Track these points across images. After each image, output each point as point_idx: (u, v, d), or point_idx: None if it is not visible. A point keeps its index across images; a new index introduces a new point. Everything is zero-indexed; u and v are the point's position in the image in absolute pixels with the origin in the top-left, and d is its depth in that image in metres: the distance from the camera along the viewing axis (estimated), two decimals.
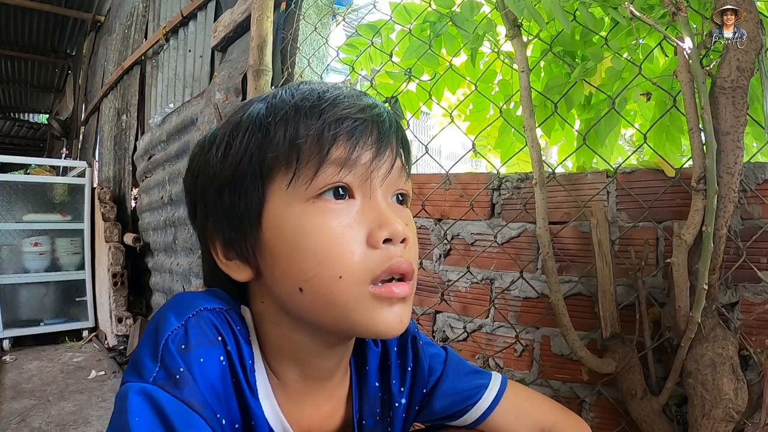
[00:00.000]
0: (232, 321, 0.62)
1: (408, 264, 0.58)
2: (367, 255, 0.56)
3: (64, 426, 2.17)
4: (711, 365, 0.89)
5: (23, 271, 3.59)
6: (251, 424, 0.62)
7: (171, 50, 3.26)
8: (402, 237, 0.57)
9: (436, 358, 0.81)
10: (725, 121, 0.89)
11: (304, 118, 0.57)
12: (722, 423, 0.87)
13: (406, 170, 0.64)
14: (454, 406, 0.79)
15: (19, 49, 6.62)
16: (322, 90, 0.61)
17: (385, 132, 0.60)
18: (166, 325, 0.56)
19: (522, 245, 1.27)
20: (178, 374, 0.53)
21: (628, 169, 1.14)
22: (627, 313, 1.06)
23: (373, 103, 0.61)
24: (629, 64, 1.20)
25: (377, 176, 0.59)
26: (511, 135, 1.47)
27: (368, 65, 1.68)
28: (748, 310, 0.98)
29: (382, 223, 0.57)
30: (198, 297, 0.62)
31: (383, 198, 0.60)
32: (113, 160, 4.26)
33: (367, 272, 0.56)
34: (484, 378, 0.81)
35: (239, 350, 0.61)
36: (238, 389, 0.60)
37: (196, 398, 0.53)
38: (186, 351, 0.54)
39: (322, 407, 0.70)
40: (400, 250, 0.58)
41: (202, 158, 0.64)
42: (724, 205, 0.89)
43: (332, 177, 0.56)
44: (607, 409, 1.12)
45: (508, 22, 1.15)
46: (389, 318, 0.58)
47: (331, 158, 0.56)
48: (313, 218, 0.56)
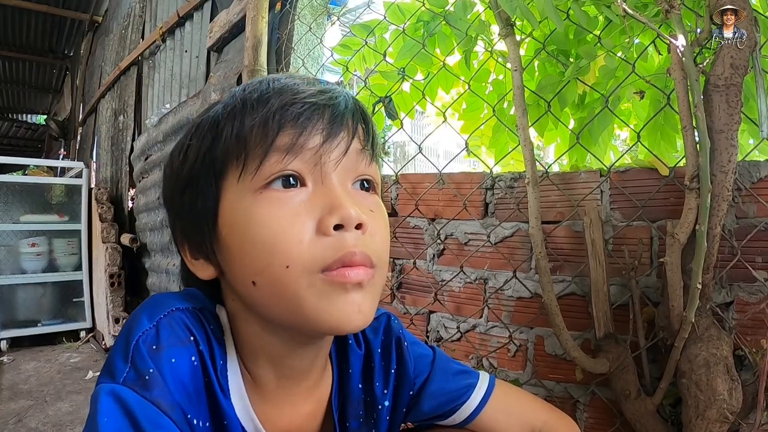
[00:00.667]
0: (206, 321, 0.62)
1: (363, 254, 0.54)
2: (316, 243, 0.53)
3: (60, 426, 2.17)
4: (705, 365, 0.88)
5: (20, 271, 3.59)
6: (223, 424, 0.61)
7: (167, 50, 3.26)
8: (356, 222, 0.54)
9: (423, 359, 0.80)
10: (719, 119, 0.88)
11: (250, 110, 0.57)
12: (716, 423, 0.87)
13: (369, 154, 0.60)
14: (442, 407, 0.79)
15: (16, 49, 6.61)
16: (272, 80, 0.60)
17: (339, 115, 0.57)
18: (137, 326, 0.56)
19: (515, 245, 1.27)
20: (147, 375, 0.53)
21: (621, 168, 1.14)
22: (621, 312, 1.06)
23: (326, 88, 0.59)
24: (623, 63, 1.19)
25: (329, 161, 0.56)
26: (505, 134, 1.46)
27: (362, 65, 1.68)
28: (742, 309, 0.97)
29: (333, 209, 0.54)
30: (171, 297, 0.62)
31: (340, 183, 0.57)
32: (110, 161, 4.26)
33: (316, 261, 0.53)
34: (472, 378, 0.81)
35: (211, 350, 0.60)
36: (209, 389, 0.60)
37: (165, 399, 0.53)
38: (157, 351, 0.54)
39: (301, 408, 0.69)
40: (353, 238, 0.54)
41: (169, 162, 0.65)
42: (718, 203, 0.88)
43: (277, 165, 0.55)
44: (601, 409, 1.11)
45: (501, 21, 1.15)
46: (344, 308, 0.54)
47: (277, 146, 0.55)
48: (261, 209, 0.55)
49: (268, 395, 0.66)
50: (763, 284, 0.94)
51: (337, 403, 0.73)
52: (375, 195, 0.62)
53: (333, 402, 0.73)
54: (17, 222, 3.60)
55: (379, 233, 0.59)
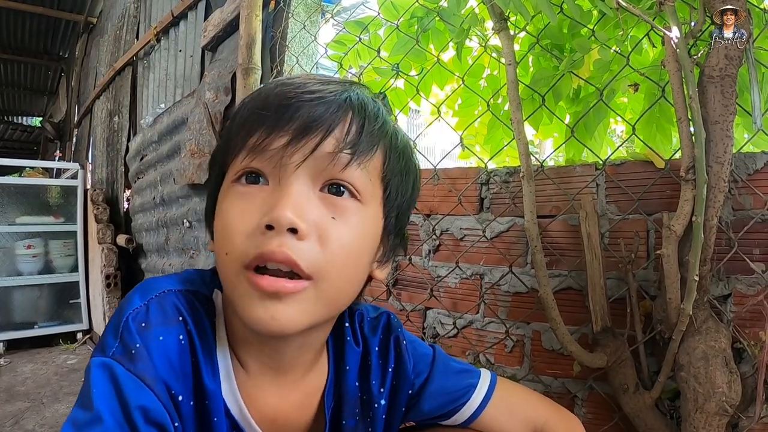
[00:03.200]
0: (198, 303, 0.65)
1: (284, 255, 0.54)
2: (250, 238, 0.56)
3: (57, 428, 2.16)
4: (704, 358, 0.88)
5: (17, 273, 3.58)
6: (205, 403, 0.63)
7: (162, 50, 3.25)
8: (286, 226, 0.54)
9: (423, 359, 0.79)
10: (714, 111, 0.88)
11: (242, 110, 0.63)
12: (716, 417, 0.86)
13: (353, 157, 0.58)
14: (443, 407, 0.78)
15: (11, 51, 6.61)
16: (281, 79, 0.64)
17: (317, 116, 0.57)
18: (129, 305, 0.60)
19: (511, 240, 1.26)
20: (133, 350, 0.56)
21: (617, 161, 1.13)
22: (618, 306, 1.05)
23: (324, 88, 0.60)
24: (617, 56, 1.19)
25: (289, 162, 0.57)
26: (500, 131, 1.46)
27: (356, 62, 1.67)
28: (740, 302, 0.96)
29: (271, 209, 0.55)
30: (164, 280, 0.65)
31: (301, 186, 0.57)
32: (106, 162, 4.24)
33: (242, 254, 0.56)
34: (473, 377, 0.80)
35: (201, 331, 0.63)
36: (195, 368, 0.62)
37: (149, 373, 0.56)
38: (145, 329, 0.58)
39: (288, 397, 0.70)
40: (279, 241, 0.54)
41: None
42: (714, 195, 0.88)
43: (242, 162, 0.59)
44: (600, 404, 1.11)
45: (495, 16, 1.14)
46: (258, 312, 0.55)
47: (247, 145, 0.59)
48: (226, 199, 0.61)
49: (254, 380, 0.67)
50: (760, 276, 0.94)
51: (332, 399, 0.73)
52: (350, 201, 0.60)
53: (326, 397, 0.72)
54: (13, 224, 3.60)
55: (334, 242, 0.57)
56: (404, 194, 0.68)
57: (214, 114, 2.18)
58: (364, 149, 0.60)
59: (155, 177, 3.02)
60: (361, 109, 0.61)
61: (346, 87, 0.63)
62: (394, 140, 0.65)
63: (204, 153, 2.23)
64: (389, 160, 0.64)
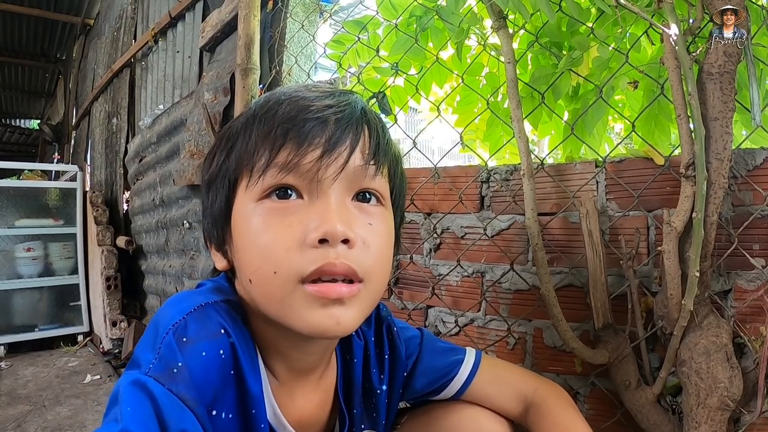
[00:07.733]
0: (235, 312, 0.65)
1: (345, 266, 0.57)
2: (301, 254, 0.57)
3: (59, 431, 2.16)
4: (705, 353, 0.88)
5: (16, 276, 3.57)
6: (252, 413, 0.64)
7: (160, 52, 3.24)
8: (340, 238, 0.57)
9: (413, 341, 0.85)
10: (713, 107, 0.88)
11: (258, 124, 0.61)
12: (718, 411, 0.86)
13: (377, 167, 0.63)
14: (433, 384, 0.84)
15: (8, 54, 6.59)
16: (285, 92, 0.64)
17: (341, 130, 0.60)
18: (166, 320, 0.59)
19: (512, 237, 1.26)
20: (175, 368, 0.54)
21: (617, 158, 1.13)
22: (619, 303, 1.05)
23: (336, 101, 0.62)
24: (616, 54, 1.19)
25: (325, 176, 0.59)
26: (500, 128, 1.46)
27: (356, 61, 1.67)
28: (741, 297, 0.97)
29: (319, 224, 0.57)
30: (198, 294, 0.65)
31: (337, 197, 0.60)
32: (104, 164, 4.24)
33: (297, 271, 0.56)
34: (458, 354, 0.86)
35: (242, 341, 0.63)
36: (239, 379, 0.62)
37: (190, 394, 0.54)
38: (187, 344, 0.57)
39: (312, 398, 0.73)
40: (335, 252, 0.57)
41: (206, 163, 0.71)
42: (714, 191, 0.88)
43: (274, 179, 0.59)
44: (602, 400, 1.11)
45: (494, 14, 1.14)
46: (321, 319, 0.57)
47: (276, 161, 0.59)
48: (258, 216, 0.60)
49: (283, 386, 0.69)
50: (761, 271, 0.94)
51: (343, 392, 0.77)
52: (379, 207, 0.65)
53: (339, 391, 0.77)
54: (12, 227, 3.58)
55: (374, 245, 0.61)
56: (403, 193, 0.73)
57: (213, 115, 2.18)
58: (383, 158, 0.64)
59: (154, 178, 3.02)
60: (374, 121, 0.65)
61: (350, 97, 0.65)
62: (395, 146, 0.70)
63: (203, 154, 2.23)
64: (394, 165, 0.69)
